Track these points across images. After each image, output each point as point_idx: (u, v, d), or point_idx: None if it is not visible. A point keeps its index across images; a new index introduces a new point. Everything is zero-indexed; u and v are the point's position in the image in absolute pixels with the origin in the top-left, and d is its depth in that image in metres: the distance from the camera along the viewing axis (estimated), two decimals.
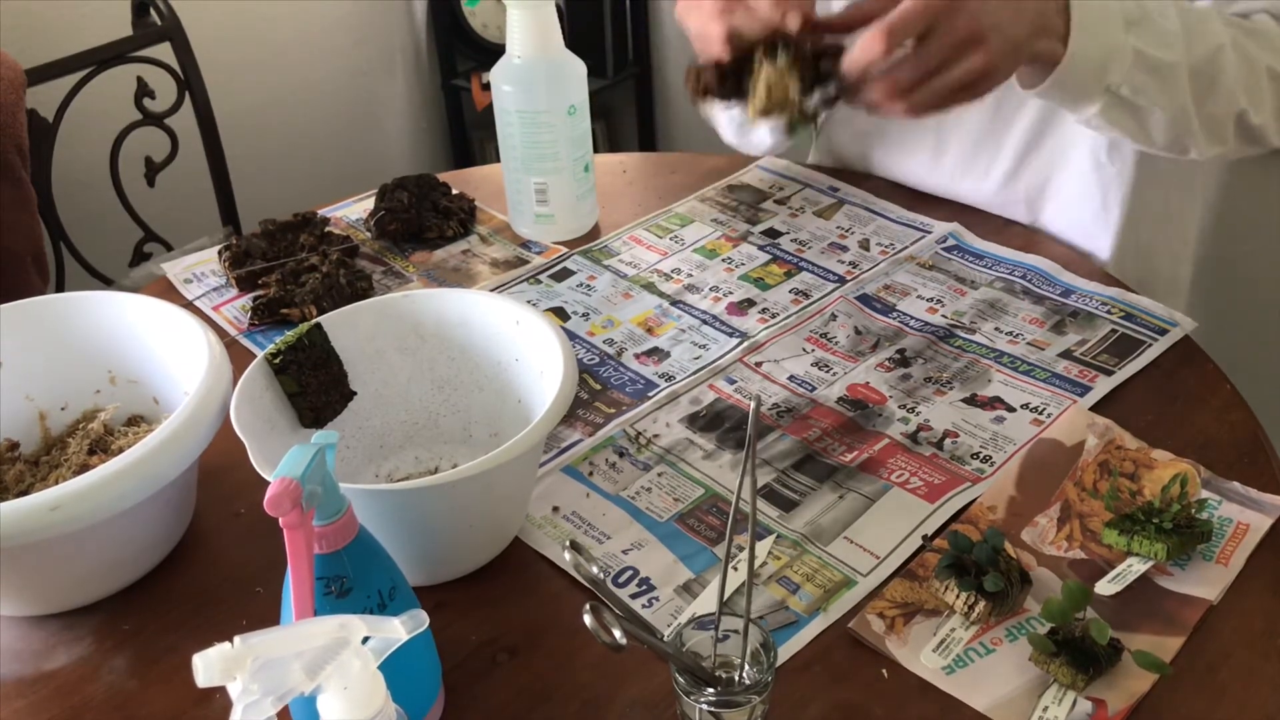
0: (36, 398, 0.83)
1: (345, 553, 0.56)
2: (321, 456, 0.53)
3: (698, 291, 1.02)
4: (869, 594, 0.71)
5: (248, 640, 0.44)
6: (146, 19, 1.47)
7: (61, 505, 0.63)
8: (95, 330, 0.82)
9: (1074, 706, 0.63)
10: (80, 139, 1.46)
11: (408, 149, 2.41)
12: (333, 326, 0.77)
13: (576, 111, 1.05)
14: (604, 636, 0.51)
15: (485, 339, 0.80)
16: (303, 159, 2.17)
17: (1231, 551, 0.72)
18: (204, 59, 1.50)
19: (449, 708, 0.65)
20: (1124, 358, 0.90)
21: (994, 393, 0.87)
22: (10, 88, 1.29)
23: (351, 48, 2.21)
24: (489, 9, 2.27)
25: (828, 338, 0.95)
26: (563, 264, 1.08)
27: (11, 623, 0.73)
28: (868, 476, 0.80)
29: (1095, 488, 0.78)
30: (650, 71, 2.37)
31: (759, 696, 0.56)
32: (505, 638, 0.69)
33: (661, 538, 0.76)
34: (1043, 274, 1.01)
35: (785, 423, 0.85)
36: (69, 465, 0.79)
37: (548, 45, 1.03)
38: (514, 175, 1.09)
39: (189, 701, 0.66)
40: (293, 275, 1.02)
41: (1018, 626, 0.68)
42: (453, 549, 0.72)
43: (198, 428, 0.69)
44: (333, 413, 0.77)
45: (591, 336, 0.97)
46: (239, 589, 0.74)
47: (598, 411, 0.88)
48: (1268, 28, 0.91)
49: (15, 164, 1.29)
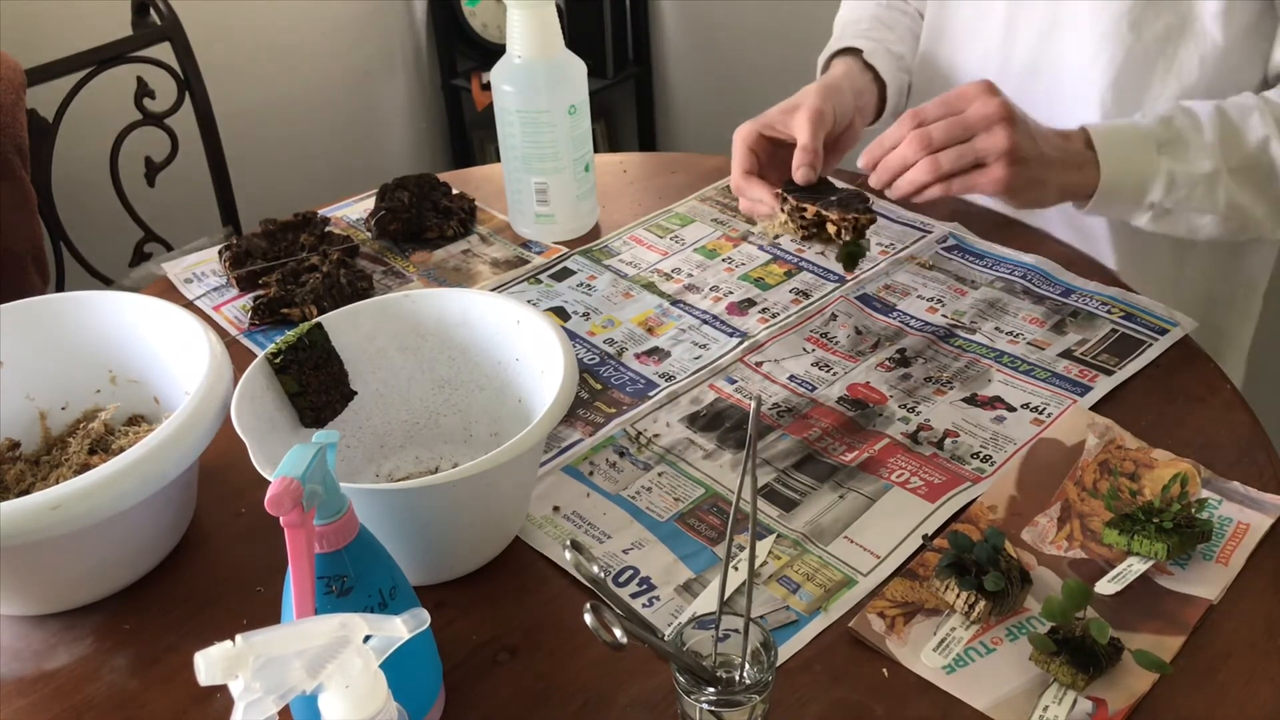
0: (37, 397, 0.83)
1: (346, 552, 0.56)
2: (322, 456, 0.53)
3: (698, 291, 1.02)
4: (869, 593, 0.71)
5: (249, 639, 0.44)
6: (146, 19, 1.47)
7: (62, 505, 0.63)
8: (95, 330, 0.82)
9: (1074, 706, 0.63)
10: (80, 139, 1.46)
11: (408, 149, 2.41)
12: (333, 326, 0.77)
13: (576, 111, 1.05)
14: (604, 636, 0.51)
15: (485, 339, 0.80)
16: (303, 159, 2.17)
17: (1231, 551, 0.72)
18: (204, 59, 1.50)
19: (449, 707, 0.65)
20: (1124, 357, 0.90)
21: (994, 392, 0.87)
22: (10, 88, 1.29)
23: (351, 48, 2.22)
24: (489, 9, 2.27)
25: (828, 337, 0.95)
26: (563, 264, 1.08)
27: (11, 623, 0.73)
28: (868, 476, 0.80)
29: (1095, 487, 0.78)
30: (650, 71, 2.37)
31: (759, 696, 0.56)
32: (505, 637, 0.69)
33: (662, 537, 0.76)
34: (1043, 274, 1.01)
35: (785, 422, 0.85)
36: (69, 465, 0.80)
37: (548, 45, 1.03)
38: (514, 175, 1.09)
39: (190, 701, 0.66)
40: (293, 275, 1.02)
41: (1018, 626, 0.68)
42: (453, 549, 0.72)
43: (198, 428, 0.69)
44: (333, 412, 0.77)
45: (592, 336, 0.97)
46: (239, 589, 0.74)
47: (598, 411, 0.88)
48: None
49: (15, 164, 1.29)
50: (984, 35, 1.09)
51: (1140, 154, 0.89)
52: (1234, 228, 0.93)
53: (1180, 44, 0.98)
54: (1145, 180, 0.90)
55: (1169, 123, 0.90)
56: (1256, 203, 0.90)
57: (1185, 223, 0.92)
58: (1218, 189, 0.89)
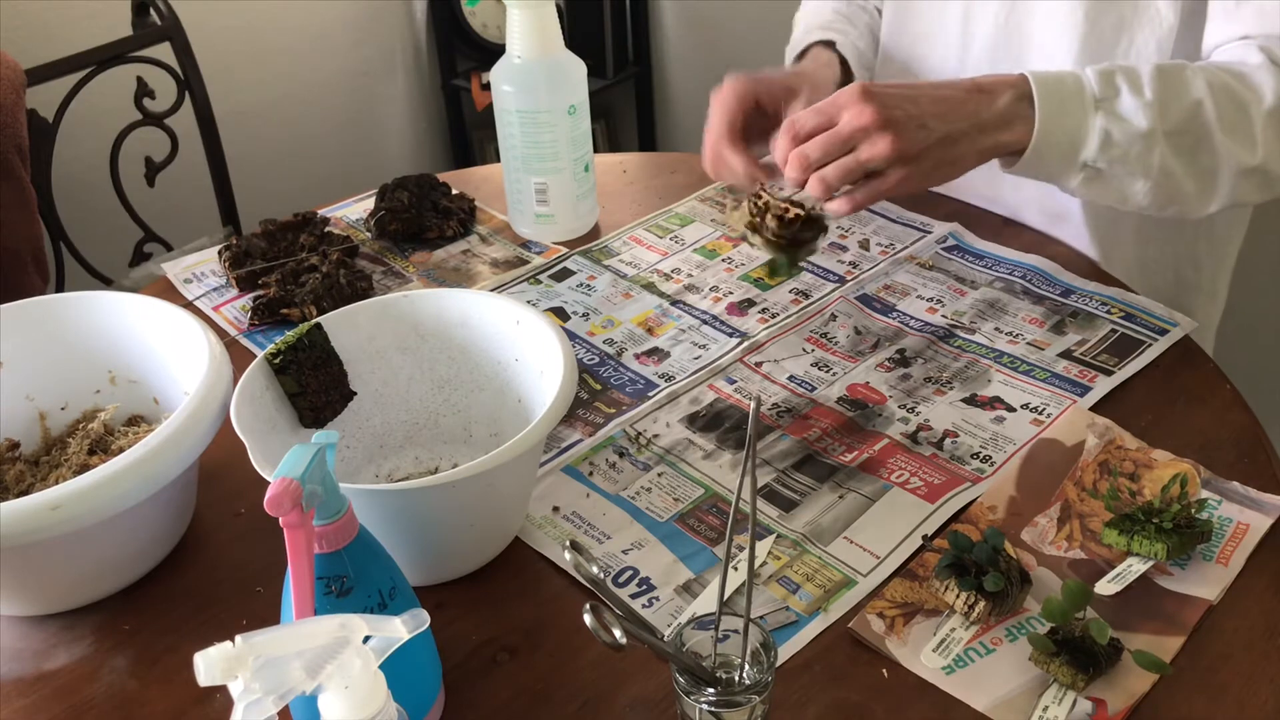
0: (36, 398, 0.83)
1: (346, 552, 0.56)
2: (322, 456, 0.53)
3: (698, 291, 1.02)
4: (869, 594, 0.71)
5: (249, 639, 0.44)
6: (146, 19, 1.47)
7: (61, 505, 0.63)
8: (95, 330, 0.82)
9: (1074, 706, 0.63)
10: (80, 139, 1.46)
11: (408, 149, 2.41)
12: (333, 326, 0.77)
13: (576, 111, 1.05)
14: (604, 636, 0.51)
15: (485, 339, 0.80)
16: (303, 159, 2.17)
17: (1231, 551, 0.72)
18: (204, 59, 1.50)
19: (449, 707, 0.65)
20: (1124, 358, 0.90)
21: (994, 393, 0.87)
22: (10, 88, 1.29)
23: (351, 48, 2.22)
24: (489, 9, 2.27)
25: (828, 338, 0.95)
26: (563, 264, 1.08)
27: (11, 623, 0.73)
28: (868, 476, 0.80)
29: (1095, 487, 0.78)
30: (650, 71, 2.37)
31: (759, 696, 0.56)
32: (505, 638, 0.69)
33: (661, 538, 0.76)
34: (1043, 274, 1.01)
35: (785, 423, 0.85)
36: (69, 465, 0.79)
37: (548, 45, 1.03)
38: (514, 175, 1.09)
39: (189, 701, 0.66)
40: (293, 275, 1.02)
41: (1018, 626, 0.68)
42: (453, 549, 0.72)
43: (198, 428, 0.69)
44: (333, 413, 0.77)
45: (591, 336, 0.97)
46: (239, 589, 0.74)
47: (598, 411, 0.88)
48: (1253, 68, 0.89)
49: (15, 164, 1.29)
50: (943, 30, 1.09)
51: (1077, 106, 0.85)
52: (1163, 198, 0.89)
53: (1136, 30, 0.97)
54: (1080, 136, 0.86)
55: (1109, 78, 0.86)
56: (1186, 174, 0.87)
57: (1117, 188, 0.88)
58: (1153, 151, 0.86)
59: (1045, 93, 0.85)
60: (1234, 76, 0.88)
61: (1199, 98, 0.86)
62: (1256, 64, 0.88)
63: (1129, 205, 0.91)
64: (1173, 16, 0.95)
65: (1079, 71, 0.86)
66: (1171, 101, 0.86)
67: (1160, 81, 0.86)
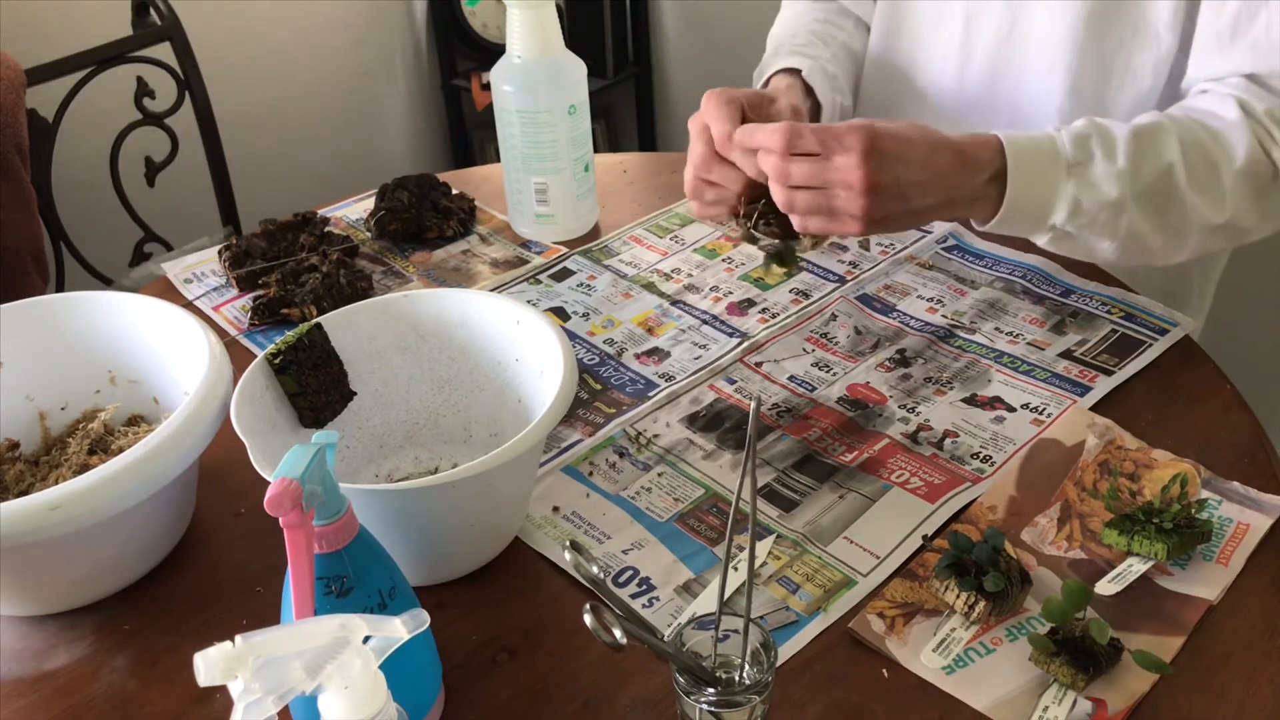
0: (36, 398, 0.83)
1: (345, 552, 0.56)
2: (321, 456, 0.53)
3: (698, 291, 1.02)
4: (869, 594, 0.71)
5: (249, 639, 0.44)
6: (146, 19, 1.47)
7: (61, 505, 0.63)
8: (95, 330, 0.82)
9: (1074, 706, 0.63)
10: (80, 139, 1.46)
11: (408, 149, 2.41)
12: (333, 326, 0.77)
13: (576, 111, 1.05)
14: (604, 636, 0.51)
15: (485, 339, 0.80)
16: (303, 159, 2.17)
17: (1231, 551, 0.72)
18: (204, 59, 1.50)
19: (449, 707, 0.65)
20: (1124, 358, 0.90)
21: (994, 393, 0.87)
22: (10, 88, 1.29)
23: (351, 48, 2.22)
24: (489, 9, 2.27)
25: (828, 338, 0.95)
26: (563, 264, 1.08)
27: (11, 623, 0.73)
28: (868, 476, 0.80)
29: (1095, 488, 0.78)
30: (650, 71, 2.37)
31: (759, 696, 0.56)
32: (505, 638, 0.69)
33: (661, 538, 0.76)
34: (1043, 274, 1.01)
35: (785, 423, 0.85)
36: (69, 465, 0.79)
37: (548, 45, 1.03)
38: (514, 175, 1.09)
39: (189, 701, 0.66)
40: (293, 275, 1.02)
41: (1018, 626, 0.68)
42: (453, 549, 0.72)
43: (198, 428, 0.69)
44: (333, 413, 0.77)
45: (591, 336, 0.97)
46: (239, 589, 0.74)
47: (598, 411, 0.88)
48: (1229, 125, 0.88)
49: (15, 164, 1.29)
50: (944, 33, 1.09)
51: (1050, 174, 0.85)
52: (1130, 255, 0.90)
53: (1135, 50, 0.98)
54: (1050, 203, 0.86)
55: (1084, 144, 0.85)
56: (1154, 231, 0.87)
57: (1084, 246, 0.89)
58: (1121, 217, 0.86)
59: (1018, 167, 0.84)
60: (1209, 134, 0.88)
61: (1170, 161, 0.86)
62: (1232, 120, 0.88)
63: (1096, 260, 0.93)
64: (1172, 39, 0.96)
65: (1055, 135, 0.86)
66: (1143, 166, 0.85)
67: (1135, 145, 0.85)
